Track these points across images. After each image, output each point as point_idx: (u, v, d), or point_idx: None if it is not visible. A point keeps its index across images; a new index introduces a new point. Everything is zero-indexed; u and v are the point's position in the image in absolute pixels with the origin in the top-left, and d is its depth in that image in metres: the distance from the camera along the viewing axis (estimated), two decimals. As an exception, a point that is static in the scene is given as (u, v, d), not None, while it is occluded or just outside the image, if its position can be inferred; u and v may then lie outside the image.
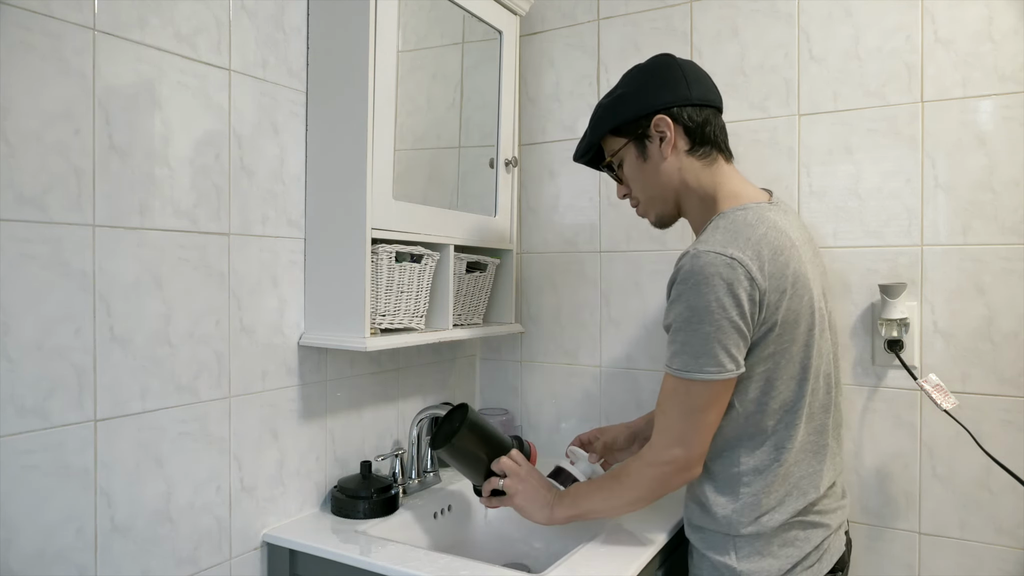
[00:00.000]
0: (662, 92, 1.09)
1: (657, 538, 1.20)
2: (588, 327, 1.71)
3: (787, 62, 1.48)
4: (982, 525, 1.32)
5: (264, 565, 1.23)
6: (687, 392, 1.00)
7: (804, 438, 1.05)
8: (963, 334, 1.34)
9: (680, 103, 1.09)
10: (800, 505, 1.04)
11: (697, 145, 1.09)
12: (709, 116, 1.10)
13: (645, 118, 1.09)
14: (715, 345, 0.96)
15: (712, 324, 0.96)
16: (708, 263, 0.96)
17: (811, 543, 1.05)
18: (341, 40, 1.25)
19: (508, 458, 1.20)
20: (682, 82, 1.10)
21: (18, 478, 0.89)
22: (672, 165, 1.10)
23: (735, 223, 1.02)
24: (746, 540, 1.04)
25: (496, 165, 1.60)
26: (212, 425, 1.14)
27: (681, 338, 0.99)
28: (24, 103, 0.89)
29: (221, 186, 1.15)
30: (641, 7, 1.63)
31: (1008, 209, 1.30)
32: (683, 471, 1.03)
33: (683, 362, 0.99)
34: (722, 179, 1.11)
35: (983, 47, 1.32)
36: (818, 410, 1.07)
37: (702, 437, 1.02)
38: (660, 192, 1.13)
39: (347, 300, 1.24)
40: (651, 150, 1.11)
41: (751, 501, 1.04)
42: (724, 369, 0.97)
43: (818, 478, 1.06)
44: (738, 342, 0.98)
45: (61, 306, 0.93)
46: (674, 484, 1.05)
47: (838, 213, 1.44)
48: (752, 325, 0.98)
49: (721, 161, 1.12)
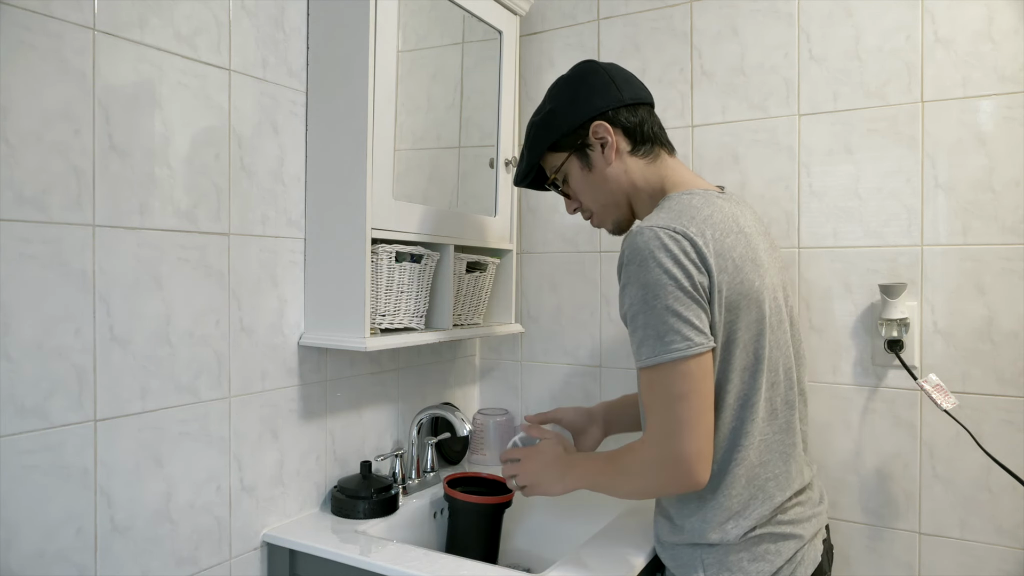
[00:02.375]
0: (593, 99, 1.08)
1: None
2: (588, 327, 1.71)
3: (787, 62, 1.48)
4: (982, 525, 1.32)
5: (264, 565, 1.23)
6: (662, 380, 0.94)
7: (767, 436, 1.01)
8: (963, 334, 1.34)
9: (613, 106, 1.08)
10: (767, 510, 0.99)
11: (638, 144, 1.09)
12: (644, 114, 1.10)
13: (582, 128, 1.08)
14: (675, 319, 0.92)
15: (668, 296, 0.92)
16: (652, 237, 0.94)
17: (783, 556, 0.99)
18: (341, 40, 1.25)
19: (506, 453, 1.19)
20: (611, 85, 1.09)
21: (18, 478, 0.89)
22: (618, 169, 1.09)
23: (680, 204, 1.01)
24: (714, 554, 1.00)
25: (496, 165, 1.60)
26: (212, 425, 1.14)
27: (641, 321, 0.94)
28: (24, 103, 0.89)
29: (221, 186, 1.15)
30: (641, 7, 1.63)
31: (1008, 209, 1.30)
32: (676, 472, 0.94)
33: (650, 348, 0.94)
34: (668, 172, 1.10)
35: (983, 47, 1.32)
36: (781, 406, 1.03)
37: (693, 430, 0.93)
38: (611, 198, 1.11)
39: (347, 300, 1.24)
40: (594, 158, 1.09)
41: (713, 504, 0.99)
42: (692, 343, 0.92)
43: (786, 480, 1.02)
44: (699, 313, 0.93)
45: (61, 306, 0.93)
46: (668, 485, 0.98)
47: (838, 213, 1.44)
48: (704, 298, 0.94)
49: (664, 155, 1.11)
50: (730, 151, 1.54)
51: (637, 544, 1.18)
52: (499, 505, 1.33)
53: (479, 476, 1.42)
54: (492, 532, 1.34)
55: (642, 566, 1.13)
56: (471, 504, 1.31)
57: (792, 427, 1.04)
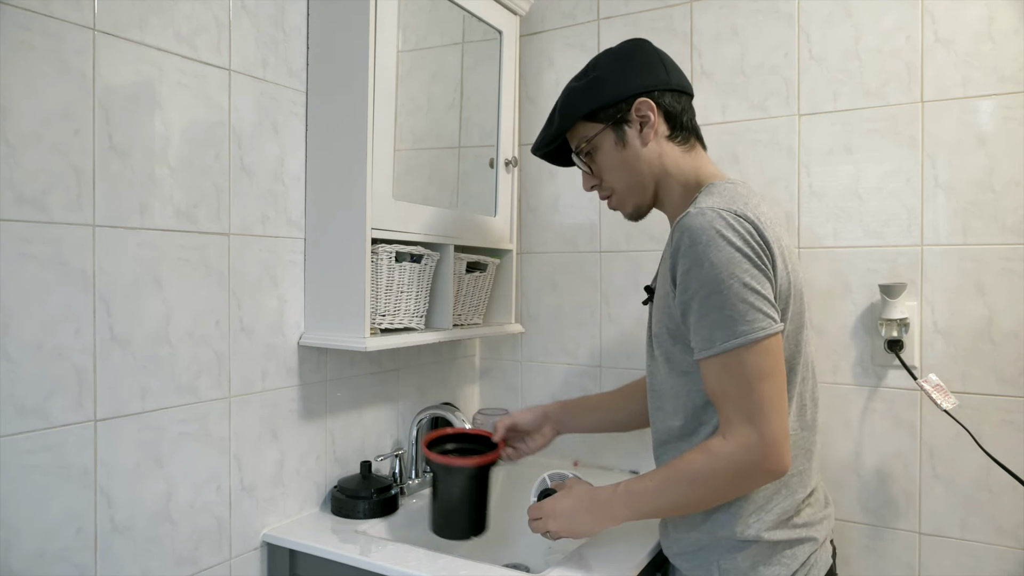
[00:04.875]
0: (642, 75, 1.05)
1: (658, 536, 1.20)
2: (588, 327, 1.71)
3: (787, 62, 1.48)
4: (982, 525, 1.32)
5: (264, 565, 1.23)
6: (740, 364, 0.88)
7: (796, 432, 0.99)
8: (963, 334, 1.34)
9: (661, 87, 1.05)
10: (788, 505, 0.98)
11: (677, 130, 1.06)
12: (686, 103, 1.08)
13: (625, 102, 1.04)
14: (754, 295, 0.88)
15: (744, 273, 0.88)
16: (715, 217, 0.90)
17: (798, 560, 0.97)
18: (341, 40, 1.25)
19: (530, 511, 1.11)
20: (660, 67, 1.06)
21: (18, 478, 0.89)
22: (653, 151, 1.05)
23: (728, 191, 0.99)
24: (729, 559, 0.97)
25: (496, 165, 1.60)
26: (212, 425, 1.14)
27: (715, 303, 0.89)
28: (24, 103, 0.89)
29: (221, 186, 1.15)
30: (641, 7, 1.63)
31: (1008, 209, 1.30)
32: (762, 460, 0.89)
33: (728, 330, 0.88)
34: (702, 164, 1.08)
35: (983, 47, 1.32)
36: (809, 403, 1.02)
37: (776, 412, 0.88)
38: (639, 180, 1.07)
39: (347, 300, 1.24)
40: (630, 136, 1.05)
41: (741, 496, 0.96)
42: (774, 321, 0.89)
43: (808, 477, 1.01)
44: (772, 291, 0.90)
45: (61, 306, 0.93)
46: (756, 476, 0.91)
47: (838, 213, 1.44)
48: (772, 279, 0.91)
49: (699, 148, 1.09)
50: (730, 151, 1.54)
51: (639, 543, 1.18)
52: (483, 467, 1.19)
53: (464, 432, 1.30)
54: (478, 496, 1.20)
55: (643, 565, 1.13)
56: (452, 468, 1.18)
57: (816, 424, 1.03)
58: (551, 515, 1.08)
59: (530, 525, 1.11)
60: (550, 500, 1.10)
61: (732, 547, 0.97)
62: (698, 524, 1.00)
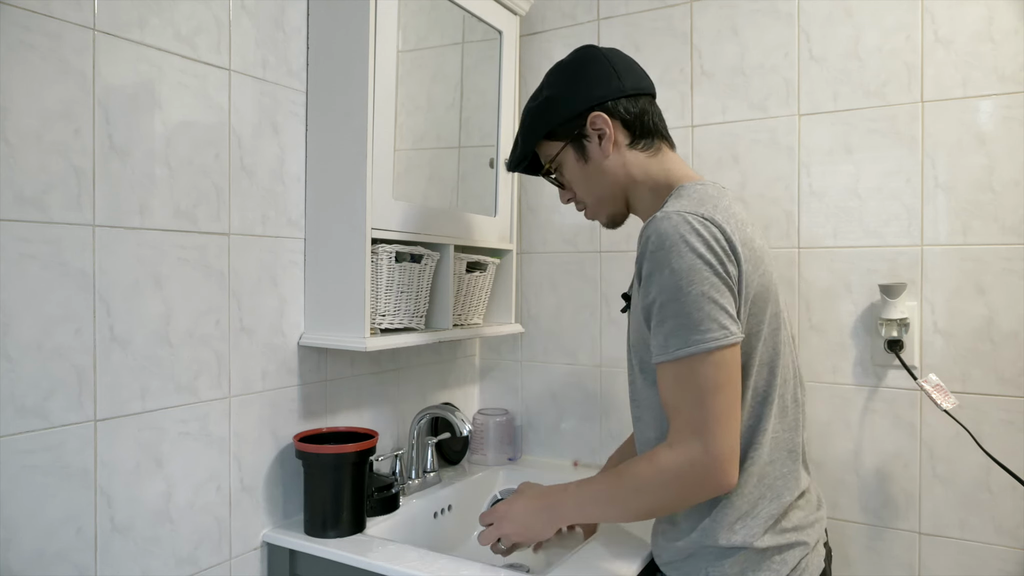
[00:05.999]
0: (592, 88, 1.03)
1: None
2: (588, 327, 1.71)
3: (787, 62, 1.48)
4: (982, 525, 1.32)
5: (264, 565, 1.23)
6: (692, 373, 0.88)
7: (778, 434, 0.97)
8: (963, 334, 1.34)
9: (613, 96, 1.03)
10: (775, 509, 0.95)
11: (638, 137, 1.04)
12: (645, 105, 1.05)
13: (579, 117, 1.03)
14: (711, 305, 0.87)
15: (703, 282, 0.87)
16: (680, 222, 0.89)
17: (788, 565, 0.95)
18: (341, 40, 1.25)
19: (482, 518, 1.12)
20: (611, 74, 1.04)
21: (18, 478, 0.89)
22: (615, 162, 1.04)
23: (697, 193, 0.97)
24: (718, 566, 0.95)
25: (496, 165, 1.60)
26: (212, 425, 1.14)
27: (673, 310, 0.88)
28: (24, 103, 0.89)
29: (221, 186, 1.15)
30: (641, 7, 1.63)
31: (1008, 209, 1.30)
32: (704, 475, 0.88)
33: (681, 338, 0.87)
34: (671, 166, 1.05)
35: (983, 47, 1.32)
36: (790, 404, 1.00)
37: (724, 427, 0.87)
38: (608, 191, 1.07)
39: (347, 300, 1.24)
40: (591, 150, 1.04)
41: (725, 503, 0.94)
42: (728, 332, 0.87)
43: (794, 480, 0.98)
44: (731, 300, 0.89)
45: (61, 306, 0.93)
46: (698, 491, 0.90)
47: (838, 213, 1.44)
48: (735, 287, 0.90)
49: (666, 149, 1.07)
50: (730, 151, 1.54)
51: (637, 544, 1.18)
52: (347, 455, 1.20)
53: (345, 431, 1.31)
54: (344, 489, 1.21)
55: (642, 566, 1.13)
56: (318, 456, 1.19)
57: (799, 425, 1.02)
58: (504, 517, 1.08)
59: (480, 537, 1.10)
60: (503, 504, 1.10)
61: (720, 555, 0.95)
62: (686, 532, 0.98)
